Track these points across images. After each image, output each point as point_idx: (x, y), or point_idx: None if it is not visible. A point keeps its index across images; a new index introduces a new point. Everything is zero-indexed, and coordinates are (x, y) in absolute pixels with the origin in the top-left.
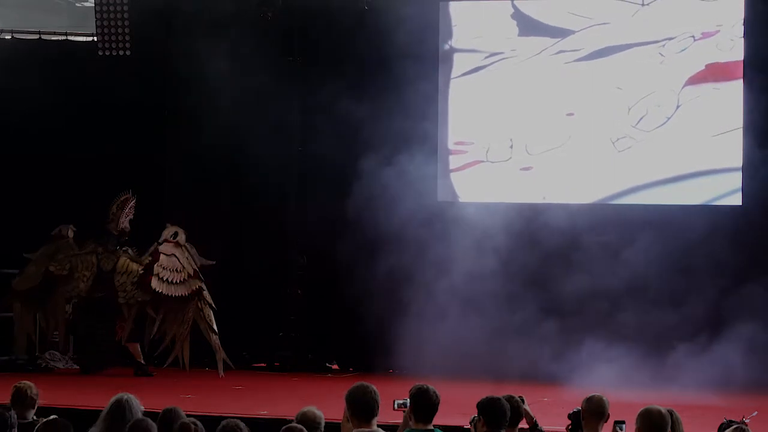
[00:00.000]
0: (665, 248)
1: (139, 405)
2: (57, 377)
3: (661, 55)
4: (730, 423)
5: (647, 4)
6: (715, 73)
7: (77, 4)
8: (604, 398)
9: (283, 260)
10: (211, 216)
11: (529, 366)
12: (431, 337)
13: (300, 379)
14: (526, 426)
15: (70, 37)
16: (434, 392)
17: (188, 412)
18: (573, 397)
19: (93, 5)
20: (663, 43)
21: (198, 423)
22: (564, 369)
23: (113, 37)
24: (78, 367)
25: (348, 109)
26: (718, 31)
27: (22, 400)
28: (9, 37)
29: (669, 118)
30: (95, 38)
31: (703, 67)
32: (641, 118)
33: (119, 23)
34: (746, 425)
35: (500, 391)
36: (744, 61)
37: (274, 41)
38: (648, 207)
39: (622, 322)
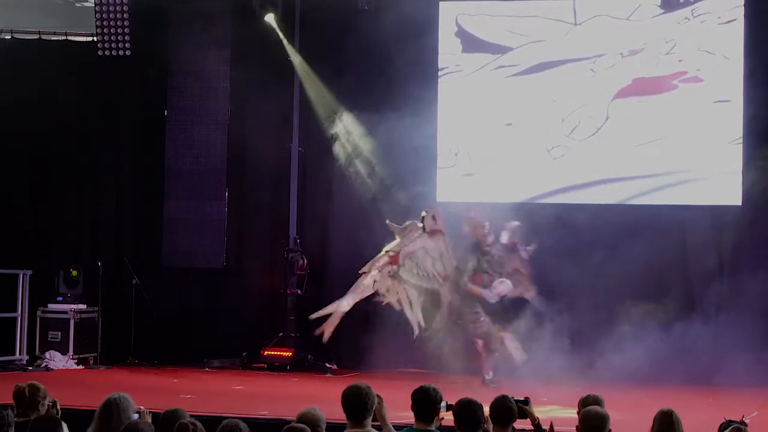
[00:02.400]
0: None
1: (132, 405)
2: (57, 377)
3: (592, 70)
4: (729, 423)
5: (579, 24)
6: (641, 87)
7: (77, 4)
8: (605, 414)
9: (284, 260)
10: (210, 214)
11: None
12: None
13: (300, 379)
14: (527, 426)
15: (70, 37)
16: (435, 391)
17: (188, 412)
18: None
19: (93, 5)
20: (594, 59)
21: (197, 423)
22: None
23: (113, 37)
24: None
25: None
26: (643, 49)
27: (21, 399)
28: (9, 37)
29: (599, 129)
30: (95, 38)
31: (631, 82)
32: (574, 128)
33: (119, 23)
34: (745, 425)
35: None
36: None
37: (273, 41)
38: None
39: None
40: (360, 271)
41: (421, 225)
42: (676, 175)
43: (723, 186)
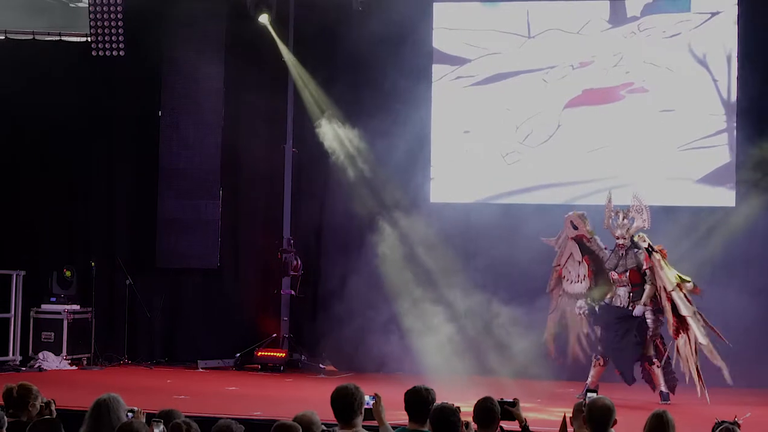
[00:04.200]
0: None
1: (123, 405)
2: (51, 377)
3: (545, 81)
4: (721, 423)
5: (533, 37)
6: (591, 97)
7: (71, 5)
8: (610, 404)
9: (278, 261)
10: (204, 215)
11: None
12: (423, 339)
13: (294, 380)
14: (514, 428)
15: (63, 38)
16: (427, 391)
17: (182, 413)
18: None
19: (86, 6)
20: (546, 70)
21: (192, 423)
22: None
23: (107, 38)
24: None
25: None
26: (593, 61)
27: (10, 400)
28: (2, 37)
29: (551, 136)
30: (89, 39)
31: (581, 92)
32: (527, 136)
33: (113, 24)
34: (738, 426)
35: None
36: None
37: (267, 42)
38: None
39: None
40: (546, 291)
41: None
42: (622, 178)
43: (667, 189)
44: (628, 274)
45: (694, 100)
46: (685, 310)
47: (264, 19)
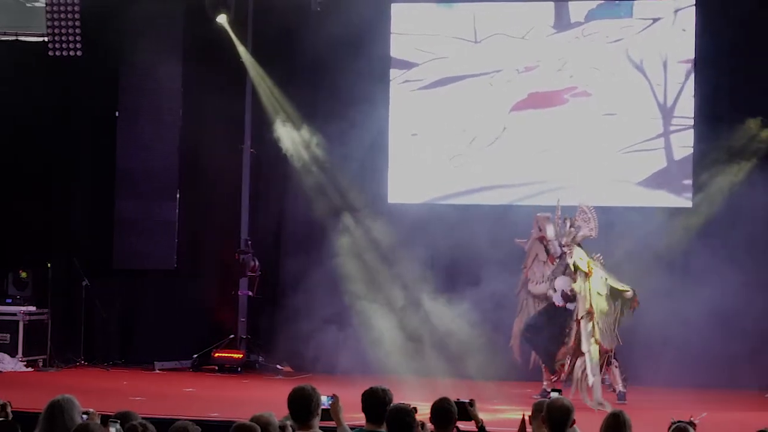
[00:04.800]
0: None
1: (78, 407)
2: (6, 379)
3: (491, 85)
4: (676, 423)
5: (479, 42)
6: (535, 100)
7: (27, 4)
8: (569, 404)
9: (235, 261)
10: (161, 216)
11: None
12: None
13: (251, 381)
14: (471, 428)
15: (20, 38)
16: (383, 392)
17: (139, 414)
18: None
19: (44, 5)
20: (492, 74)
21: (148, 425)
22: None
23: (64, 38)
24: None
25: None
26: (538, 65)
27: None
28: None
29: (497, 139)
30: (46, 38)
31: (526, 96)
32: (474, 138)
33: (70, 23)
34: (694, 426)
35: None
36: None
37: (226, 42)
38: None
39: None
40: (515, 293)
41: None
42: (565, 180)
43: (609, 192)
44: None
45: (635, 105)
46: (585, 344)
47: (222, 19)
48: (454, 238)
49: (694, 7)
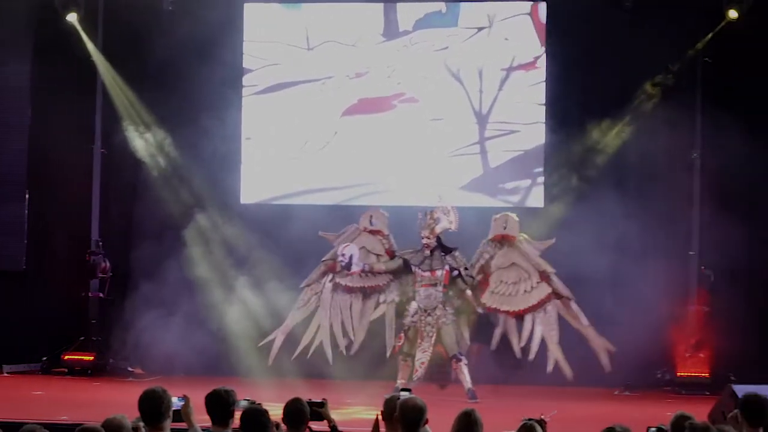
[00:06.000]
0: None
1: None
2: None
3: (323, 91)
4: (527, 420)
5: (312, 49)
6: (365, 106)
7: None
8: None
9: (86, 263)
10: (10, 217)
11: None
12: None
13: (102, 384)
14: (323, 428)
15: None
16: (227, 393)
17: None
18: None
19: None
20: (324, 80)
21: None
22: None
23: None
24: None
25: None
26: (367, 72)
27: None
28: None
29: (328, 143)
30: None
31: (356, 101)
32: (306, 142)
33: None
34: (544, 424)
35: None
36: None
37: (76, 41)
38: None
39: None
40: (300, 286)
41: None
42: (394, 182)
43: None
44: (440, 273)
45: (459, 111)
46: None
47: (72, 18)
48: (298, 236)
49: (520, 17)
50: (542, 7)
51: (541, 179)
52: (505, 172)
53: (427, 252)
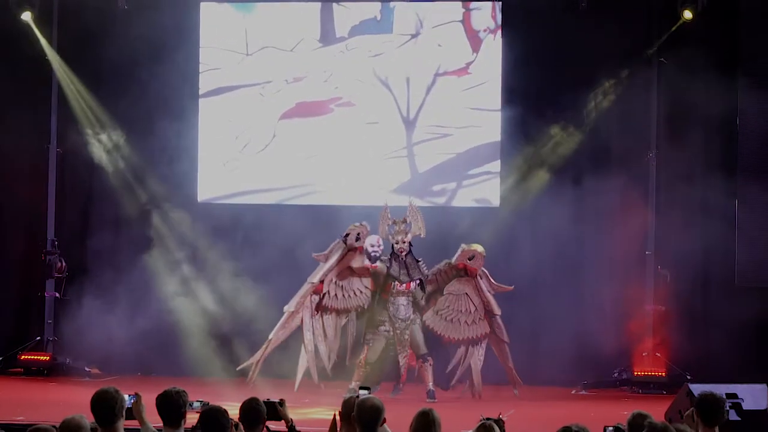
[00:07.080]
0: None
1: None
2: None
3: (261, 95)
4: (485, 420)
5: (251, 54)
6: (303, 109)
7: None
8: (379, 404)
9: (41, 262)
10: None
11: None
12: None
13: (58, 384)
14: (281, 428)
15: None
16: (178, 394)
17: None
18: None
19: None
20: (263, 85)
21: None
22: None
23: None
24: None
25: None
26: (305, 77)
27: None
28: None
29: (267, 145)
30: None
31: (294, 105)
32: (246, 145)
33: None
34: (502, 423)
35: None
36: None
37: (31, 39)
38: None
39: None
40: (284, 309)
41: (342, 242)
42: (331, 183)
43: (374, 195)
44: (413, 285)
45: (394, 114)
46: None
47: (27, 17)
48: (253, 233)
49: (452, 24)
50: (476, 15)
51: (496, 180)
52: (433, 174)
53: (402, 258)
